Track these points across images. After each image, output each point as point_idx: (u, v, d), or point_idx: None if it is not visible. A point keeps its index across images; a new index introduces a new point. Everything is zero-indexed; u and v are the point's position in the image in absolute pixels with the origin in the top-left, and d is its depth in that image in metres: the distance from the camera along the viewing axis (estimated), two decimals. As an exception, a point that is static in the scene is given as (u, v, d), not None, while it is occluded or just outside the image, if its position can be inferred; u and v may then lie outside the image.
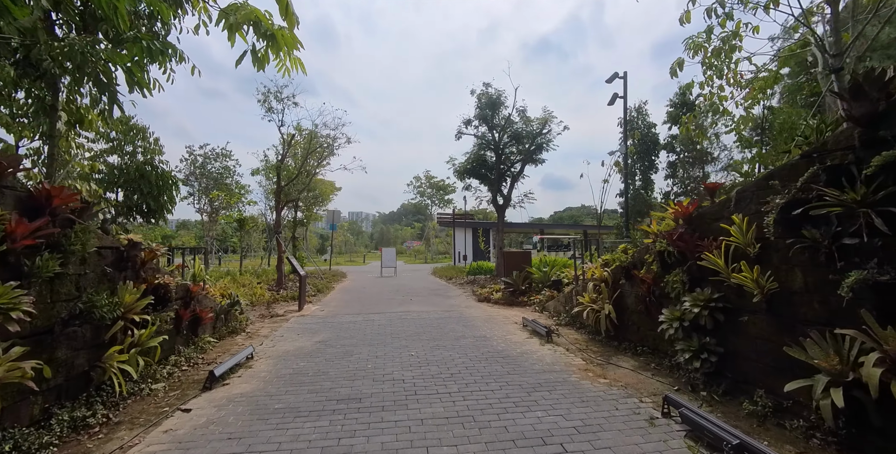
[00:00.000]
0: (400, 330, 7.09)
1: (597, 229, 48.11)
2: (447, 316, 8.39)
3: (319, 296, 11.85)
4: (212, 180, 20.85)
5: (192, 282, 6.06)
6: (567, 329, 7.07)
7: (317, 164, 13.61)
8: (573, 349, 5.81)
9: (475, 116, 15.74)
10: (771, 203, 3.69)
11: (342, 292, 12.96)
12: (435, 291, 12.91)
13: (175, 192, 15.42)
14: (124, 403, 3.83)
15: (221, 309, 6.89)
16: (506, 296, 9.96)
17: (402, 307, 9.64)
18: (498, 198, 16.02)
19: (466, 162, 16.42)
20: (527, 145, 15.73)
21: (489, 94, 15.13)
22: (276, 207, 12.20)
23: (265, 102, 11.74)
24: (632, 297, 5.83)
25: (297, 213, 16.77)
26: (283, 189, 12.14)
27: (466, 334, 6.72)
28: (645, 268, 5.37)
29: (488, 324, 7.49)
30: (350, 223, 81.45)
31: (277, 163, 12.31)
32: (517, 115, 15.44)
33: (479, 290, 11.64)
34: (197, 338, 5.92)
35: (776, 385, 3.59)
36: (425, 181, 42.37)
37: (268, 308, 9.79)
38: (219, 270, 17.30)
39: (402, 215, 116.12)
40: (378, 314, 8.69)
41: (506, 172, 16.16)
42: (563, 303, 8.03)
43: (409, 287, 14.30)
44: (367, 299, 11.18)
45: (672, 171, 15.33)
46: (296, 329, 7.28)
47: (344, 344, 6.16)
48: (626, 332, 5.93)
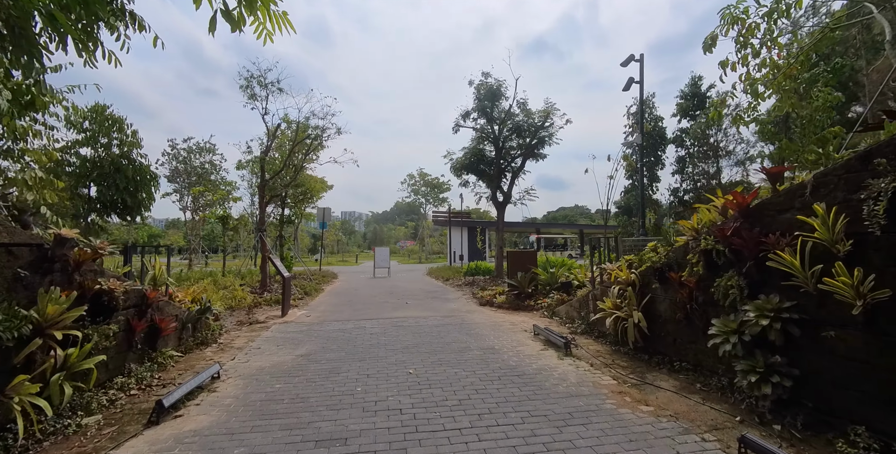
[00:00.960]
0: (395, 340, 6.22)
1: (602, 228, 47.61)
2: (448, 322, 7.54)
3: (307, 299, 10.94)
4: (196, 176, 19.83)
5: (150, 287, 5.15)
6: (585, 338, 6.26)
7: (304, 157, 12.66)
8: (598, 364, 4.99)
9: (474, 108, 14.91)
10: (872, 188, 2.90)
11: (332, 295, 12.05)
12: (432, 294, 12.05)
13: (154, 188, 14.50)
14: (37, 449, 2.93)
15: (189, 317, 5.98)
16: (510, 300, 9.13)
17: (397, 312, 8.78)
18: (498, 194, 15.20)
19: (464, 157, 15.59)
20: (528, 139, 14.94)
21: (489, 84, 14.31)
22: (260, 203, 11.27)
23: (248, 88, 10.81)
24: (666, 304, 5.04)
25: (283, 209, 15.81)
26: (266, 183, 11.21)
27: (471, 345, 5.87)
28: (687, 271, 4.55)
29: (495, 333, 6.66)
30: (342, 222, 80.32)
31: (261, 155, 11.37)
32: (517, 108, 14.64)
33: (479, 293, 10.81)
34: (156, 353, 5.01)
35: (884, 420, 2.79)
36: (419, 179, 41.47)
37: (248, 313, 8.87)
38: (203, 271, 16.30)
39: (396, 215, 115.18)
40: (370, 320, 7.81)
41: (506, 168, 15.34)
42: (577, 308, 7.22)
43: (404, 289, 13.43)
44: (358, 303, 10.29)
45: (680, 167, 14.63)
46: (276, 339, 6.39)
47: (330, 358, 5.29)
48: (658, 344, 5.13)
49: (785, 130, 11.46)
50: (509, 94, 14.35)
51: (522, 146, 15.36)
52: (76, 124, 12.54)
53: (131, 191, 13.56)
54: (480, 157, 15.54)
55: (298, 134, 11.80)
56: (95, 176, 12.40)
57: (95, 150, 12.77)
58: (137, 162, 13.01)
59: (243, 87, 10.81)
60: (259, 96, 10.78)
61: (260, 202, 11.34)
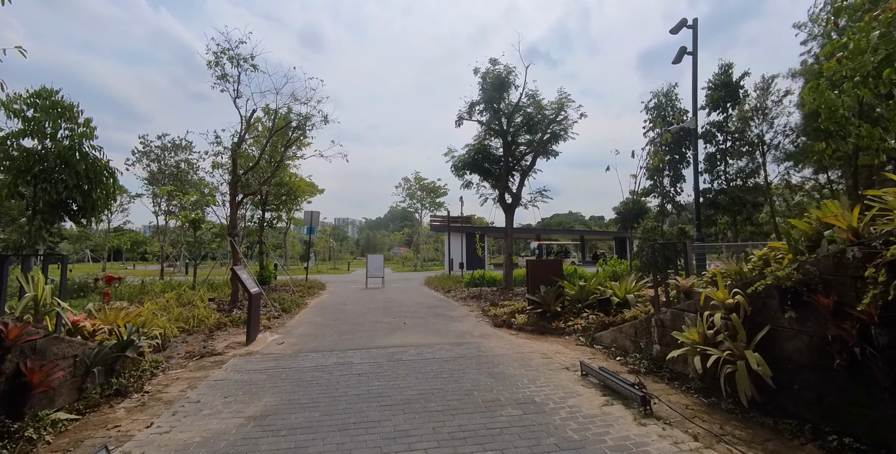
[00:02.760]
0: (392, 386, 4.48)
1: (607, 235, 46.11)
2: (460, 354, 5.81)
3: (284, 318, 9.12)
4: (171, 177, 17.97)
5: (14, 321, 3.37)
6: (654, 382, 4.57)
7: (284, 150, 10.94)
8: (702, 434, 3.29)
9: (479, 100, 13.31)
10: None
11: (316, 311, 10.25)
12: (434, 309, 10.30)
13: (113, 186, 12.62)
14: None
15: (100, 356, 4.20)
16: (533, 321, 7.42)
17: (393, 337, 7.03)
18: (506, 196, 13.55)
19: (467, 154, 13.95)
20: (539, 134, 13.36)
21: (496, 72, 12.73)
22: (231, 202, 9.51)
23: (217, 65, 9.08)
24: (801, 342, 3.37)
25: (263, 211, 14.03)
26: (239, 179, 9.48)
27: (502, 396, 4.15)
28: (869, 297, 2.88)
29: (527, 372, 4.94)
30: (333, 228, 78.30)
31: (232, 146, 9.63)
32: (527, 99, 13.07)
33: (491, 309, 9.09)
34: (21, 424, 3.23)
35: None
36: (415, 182, 39.77)
37: (207, 338, 7.07)
38: (172, 282, 14.40)
39: (390, 221, 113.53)
40: (359, 351, 6.05)
41: (514, 166, 13.74)
42: (631, 336, 5.53)
43: (401, 303, 11.67)
44: (345, 323, 8.52)
45: (710, 166, 13.12)
46: (227, 384, 4.61)
47: (296, 424, 3.53)
48: (788, 402, 3.46)
49: (858, 115, 10.00)
50: (519, 83, 12.79)
51: (533, 142, 13.79)
52: (17, 113, 10.75)
53: (84, 189, 11.75)
54: (486, 154, 13.93)
55: (277, 121, 10.07)
56: (38, 171, 10.54)
57: (41, 141, 10.97)
58: (91, 155, 11.20)
59: (211, 64, 9.10)
60: (230, 76, 9.10)
61: (231, 201, 9.58)
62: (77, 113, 11.29)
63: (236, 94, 9.26)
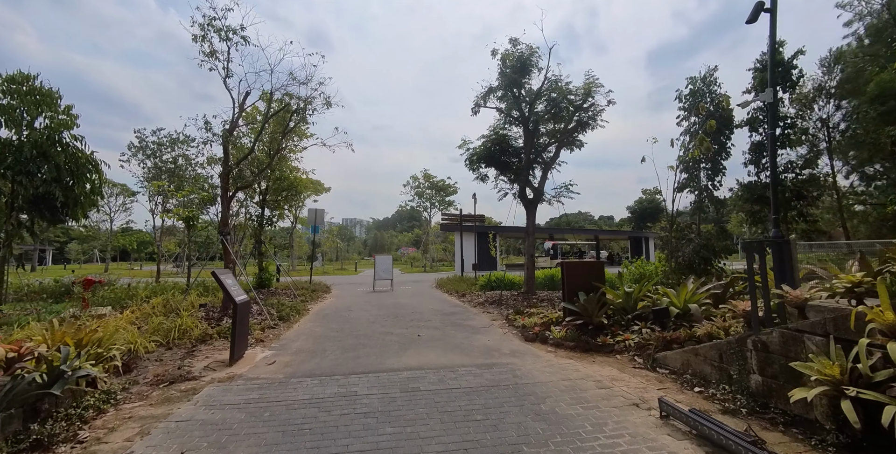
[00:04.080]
0: (410, 438, 3.32)
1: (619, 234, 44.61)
2: (492, 382, 4.63)
3: (281, 328, 8.02)
4: (168, 173, 17.00)
5: None
6: (761, 427, 3.35)
7: (283, 137, 9.83)
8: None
9: (498, 85, 12.12)
10: None
11: (317, 320, 9.14)
12: (450, 317, 9.14)
13: (99, 180, 11.63)
14: None
15: (12, 394, 3.10)
16: (573, 335, 6.22)
17: (407, 355, 5.88)
18: (527, 191, 12.35)
19: (483, 146, 12.76)
20: (564, 123, 12.15)
21: (517, 53, 11.53)
22: (223, 197, 8.44)
23: (203, 40, 8.00)
24: None
25: (263, 208, 12.94)
26: (231, 171, 8.40)
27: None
28: None
29: (585, 412, 3.75)
30: (340, 227, 77.51)
31: (224, 132, 8.56)
32: (550, 84, 11.85)
33: (517, 318, 7.90)
34: None
35: None
36: (423, 181, 38.60)
37: (187, 355, 5.99)
38: (164, 286, 13.41)
39: (397, 221, 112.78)
40: (365, 376, 4.91)
41: (536, 158, 12.54)
42: (715, 359, 4.32)
43: (413, 309, 10.52)
44: (350, 335, 7.39)
45: (756, 156, 11.78)
46: (191, 429, 3.49)
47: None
48: None
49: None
50: (542, 65, 11.58)
51: (556, 132, 12.57)
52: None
53: (66, 183, 10.77)
54: (504, 145, 12.72)
55: (274, 104, 8.95)
56: (10, 163, 9.55)
57: (18, 131, 10.00)
58: (71, 146, 10.21)
59: (197, 38, 8.02)
60: (220, 53, 8.02)
61: (223, 196, 8.52)
62: (57, 99, 10.31)
63: (226, 73, 8.19)
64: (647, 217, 57.53)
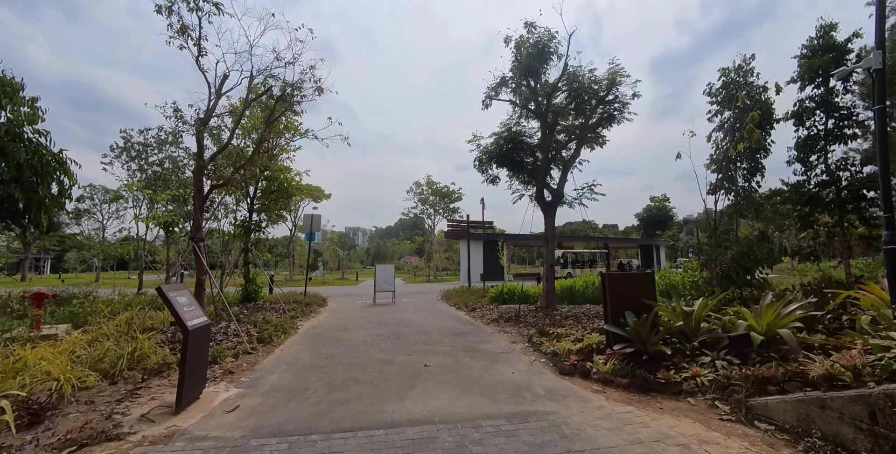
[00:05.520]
0: None
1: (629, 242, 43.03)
2: (534, 447, 3.27)
3: (259, 353, 6.67)
4: (154, 177, 15.81)
5: None
6: None
7: (266, 125, 8.54)
8: None
9: (511, 76, 10.91)
10: None
11: (305, 342, 7.79)
12: (462, 338, 7.78)
13: (68, 180, 10.44)
14: None
15: None
16: (623, 367, 4.85)
17: (411, 397, 4.52)
18: (545, 193, 11.05)
19: (494, 144, 11.48)
20: (584, 117, 10.90)
21: (535, 40, 10.31)
22: (196, 196, 7.16)
23: (170, 12, 6.77)
24: None
25: (251, 212, 11.62)
26: (204, 166, 7.14)
27: None
28: None
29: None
30: (340, 235, 76.24)
31: (197, 121, 7.30)
32: (569, 74, 10.62)
33: (543, 342, 6.53)
34: None
35: None
36: (427, 187, 37.35)
37: (129, 394, 4.66)
38: (140, 298, 12.11)
39: (400, 230, 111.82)
40: (354, 437, 3.56)
41: (556, 155, 11.27)
42: (864, 420, 2.94)
43: (418, 327, 9.17)
44: (341, 364, 6.04)
45: (803, 154, 10.45)
46: None
47: None
48: None
49: None
50: (562, 52, 10.36)
51: (576, 127, 11.31)
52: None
53: (29, 183, 9.55)
54: (517, 142, 11.45)
55: (254, 88, 7.74)
56: (-43, 159, 8.34)
57: (-29, 124, 8.84)
58: (34, 141, 9.04)
59: (162, 10, 6.79)
60: (191, 27, 6.82)
61: (196, 195, 7.25)
62: (18, 90, 9.15)
63: (199, 52, 6.98)
64: (657, 224, 55.95)
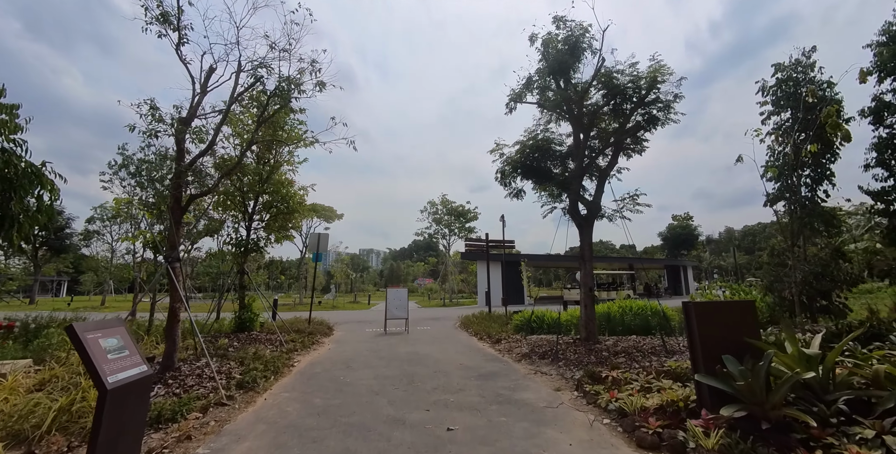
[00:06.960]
0: None
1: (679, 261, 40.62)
2: None
3: (236, 404, 5.27)
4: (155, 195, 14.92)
5: None
6: None
7: (257, 125, 7.41)
8: None
9: (539, 76, 9.77)
10: None
11: (298, 386, 6.37)
12: (490, 383, 6.27)
13: (51, 196, 9.54)
14: None
15: None
16: (736, 443, 3.31)
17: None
18: (579, 206, 9.67)
19: (518, 152, 10.19)
20: (623, 119, 9.61)
21: (566, 35, 9.20)
22: (173, 206, 6.00)
23: (144, -8, 5.81)
24: None
25: (248, 230, 10.45)
26: (184, 172, 6.02)
27: None
28: None
29: None
30: (352, 257, 75.11)
31: (177, 121, 6.23)
32: (606, 70, 9.41)
33: (598, 390, 5.01)
34: None
35: None
36: (441, 206, 36.20)
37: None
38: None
39: (413, 251, 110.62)
40: None
41: (591, 164, 9.94)
42: None
43: (434, 365, 7.68)
44: (337, 425, 4.61)
45: (884, 155, 8.97)
46: None
47: None
48: None
49: None
50: (596, 47, 9.19)
51: (612, 132, 10.01)
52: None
53: (5, 198, 8.63)
54: (545, 150, 10.16)
55: (242, 76, 6.73)
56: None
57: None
58: (7, 151, 8.15)
59: (137, -12, 5.85)
60: (170, 15, 5.84)
61: (173, 207, 6.11)
62: None
63: (179, 39, 5.98)
64: (681, 244, 53.53)
